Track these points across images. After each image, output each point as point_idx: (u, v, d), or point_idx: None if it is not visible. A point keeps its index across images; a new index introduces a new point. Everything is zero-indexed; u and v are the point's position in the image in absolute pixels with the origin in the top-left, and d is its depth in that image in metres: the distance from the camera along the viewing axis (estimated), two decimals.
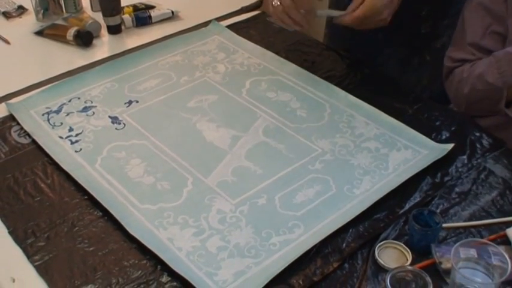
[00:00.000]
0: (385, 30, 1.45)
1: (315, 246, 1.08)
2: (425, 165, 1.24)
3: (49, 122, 1.38)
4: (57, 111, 1.41)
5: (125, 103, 1.44)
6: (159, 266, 1.06)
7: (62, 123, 1.37)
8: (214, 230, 1.13)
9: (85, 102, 1.44)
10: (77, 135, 1.34)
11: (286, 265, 1.05)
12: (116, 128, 1.36)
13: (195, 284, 1.02)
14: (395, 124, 1.37)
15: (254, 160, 1.29)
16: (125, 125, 1.37)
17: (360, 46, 1.65)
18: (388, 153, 1.29)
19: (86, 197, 1.20)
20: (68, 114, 1.40)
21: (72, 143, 1.32)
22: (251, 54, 1.64)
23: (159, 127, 1.37)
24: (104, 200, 1.17)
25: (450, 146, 1.28)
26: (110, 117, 1.39)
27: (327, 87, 1.50)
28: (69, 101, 1.45)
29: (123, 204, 1.17)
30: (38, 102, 1.44)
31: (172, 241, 1.10)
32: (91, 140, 1.33)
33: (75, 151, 1.30)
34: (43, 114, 1.40)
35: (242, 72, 1.56)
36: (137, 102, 1.44)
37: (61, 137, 1.33)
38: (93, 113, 1.41)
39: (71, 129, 1.36)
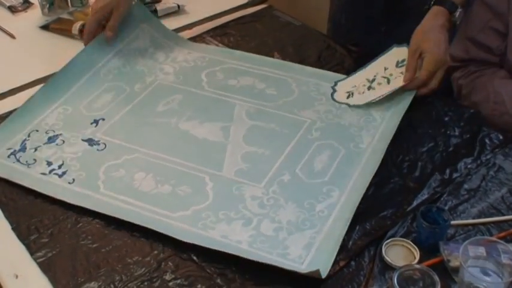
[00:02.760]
0: (388, 24, 1.44)
1: (360, 202, 1.13)
2: (406, 107, 1.34)
3: (20, 162, 1.26)
4: (23, 149, 1.29)
5: (91, 123, 1.36)
6: (162, 263, 1.05)
7: (35, 160, 1.27)
8: (260, 215, 1.13)
9: (46, 132, 1.34)
10: (59, 167, 1.25)
11: (347, 226, 1.09)
12: (98, 150, 1.29)
13: (285, 267, 1.02)
14: None
15: (255, 144, 1.30)
16: (105, 144, 1.31)
17: (363, 40, 1.64)
18: (368, 107, 1.38)
19: None
20: (36, 150, 1.30)
21: (60, 176, 1.23)
22: (189, 49, 1.62)
23: (143, 137, 1.33)
24: (135, 219, 1.12)
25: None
26: (84, 140, 1.32)
27: (280, 64, 1.56)
28: (28, 135, 1.33)
29: (154, 219, 1.13)
30: None
31: (227, 237, 1.09)
32: (78, 168, 1.25)
33: (69, 183, 1.21)
34: (9, 156, 1.28)
35: (192, 68, 1.55)
36: (103, 119, 1.37)
37: (44, 174, 1.24)
38: (63, 141, 1.31)
39: (49, 163, 1.26)
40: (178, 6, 1.81)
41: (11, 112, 1.39)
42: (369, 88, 1.39)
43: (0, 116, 1.39)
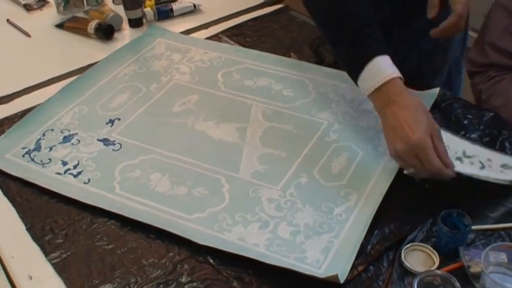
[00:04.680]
0: (398, 26, 1.43)
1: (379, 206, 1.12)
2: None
3: (35, 161, 1.26)
4: (37, 149, 1.29)
5: (107, 123, 1.36)
6: (178, 266, 1.04)
7: (50, 160, 1.26)
8: (277, 218, 1.12)
9: (61, 132, 1.34)
10: (75, 167, 1.24)
11: (365, 230, 1.08)
12: (113, 150, 1.29)
13: (302, 271, 1.01)
14: None
15: (272, 145, 1.29)
16: (120, 144, 1.30)
17: None
18: None
19: None
20: (51, 149, 1.29)
21: (75, 176, 1.22)
22: (205, 49, 1.61)
23: (159, 138, 1.32)
24: (151, 221, 1.12)
25: (436, 90, 1.38)
26: (99, 140, 1.31)
27: (297, 64, 1.54)
28: (43, 135, 1.33)
29: (170, 221, 1.12)
30: (9, 145, 1.30)
31: (244, 240, 1.08)
32: (94, 168, 1.24)
33: (84, 183, 1.20)
34: (23, 155, 1.28)
35: (208, 68, 1.54)
36: (119, 119, 1.37)
37: (59, 173, 1.23)
38: (78, 141, 1.31)
39: (64, 163, 1.25)
40: (194, 5, 1.81)
41: (26, 110, 1.39)
42: (457, 159, 1.20)
43: (15, 114, 1.39)
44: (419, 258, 1.04)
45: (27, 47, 1.68)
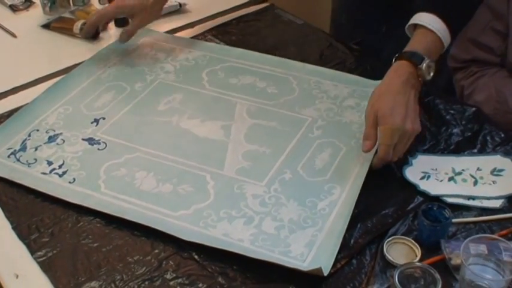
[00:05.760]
0: (389, 24, 1.43)
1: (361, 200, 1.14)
2: None
3: (21, 162, 1.26)
4: (23, 149, 1.28)
5: (92, 122, 1.36)
6: (163, 262, 1.05)
7: (36, 160, 1.26)
8: (262, 213, 1.13)
9: (47, 132, 1.33)
10: (60, 166, 1.24)
11: (347, 222, 1.09)
12: (98, 149, 1.29)
13: (287, 265, 1.02)
14: (359, 79, 1.47)
15: (256, 142, 1.30)
16: (105, 144, 1.30)
17: (364, 39, 1.64)
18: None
19: None
20: (36, 149, 1.29)
21: (60, 175, 1.22)
22: (190, 48, 1.62)
23: (144, 136, 1.32)
24: (136, 218, 1.12)
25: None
26: (84, 140, 1.31)
27: (281, 62, 1.56)
28: (29, 135, 1.33)
29: (156, 218, 1.13)
30: None
31: (229, 236, 1.09)
32: (79, 167, 1.24)
33: (69, 182, 1.20)
34: (9, 156, 1.27)
35: (192, 67, 1.55)
36: (104, 119, 1.37)
37: (44, 173, 1.23)
38: (63, 140, 1.31)
39: (50, 163, 1.25)
40: (180, 4, 1.81)
41: (12, 111, 1.39)
42: (450, 179, 1.19)
43: (2, 115, 1.39)
44: (401, 251, 1.05)
45: (13, 47, 1.67)
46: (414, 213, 1.12)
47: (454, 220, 1.08)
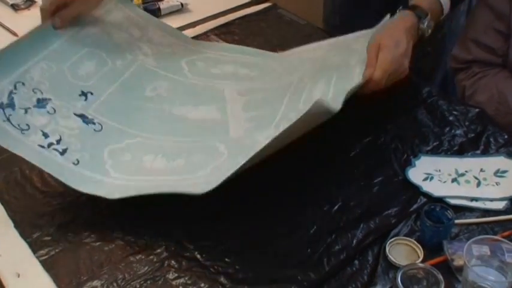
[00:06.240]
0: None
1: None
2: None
3: (12, 124, 1.14)
4: (11, 106, 1.16)
5: (80, 95, 1.27)
6: (165, 262, 1.05)
7: (28, 126, 1.15)
8: None
9: (33, 91, 1.22)
10: (58, 142, 1.16)
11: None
12: (95, 130, 1.22)
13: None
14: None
15: (254, 109, 1.32)
16: (101, 125, 1.24)
17: None
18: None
19: None
20: (26, 112, 1.17)
21: (61, 153, 1.15)
22: (163, 31, 1.55)
23: (139, 122, 1.28)
24: (160, 189, 1.09)
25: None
26: (76, 115, 1.23)
27: (258, 53, 1.55)
28: (15, 87, 1.20)
29: (179, 184, 1.11)
30: None
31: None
32: (79, 148, 1.17)
33: (73, 163, 1.14)
34: None
35: (170, 54, 1.50)
36: (92, 94, 1.29)
37: (42, 146, 1.14)
38: (54, 110, 1.21)
39: (45, 135, 1.16)
40: (182, 4, 1.81)
41: None
42: (453, 181, 1.19)
43: None
44: (403, 252, 1.05)
45: None
46: (417, 214, 1.12)
47: (456, 221, 1.08)
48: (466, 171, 1.20)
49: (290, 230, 1.10)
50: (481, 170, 1.20)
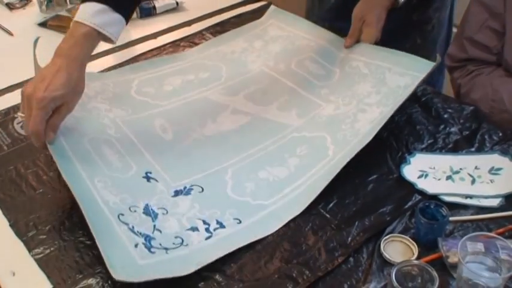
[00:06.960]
0: None
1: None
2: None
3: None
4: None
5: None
6: None
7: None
8: None
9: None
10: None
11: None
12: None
13: None
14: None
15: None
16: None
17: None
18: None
19: None
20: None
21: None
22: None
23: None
24: None
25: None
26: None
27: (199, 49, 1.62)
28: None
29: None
30: None
31: None
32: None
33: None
34: None
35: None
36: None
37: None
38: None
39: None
40: (177, 3, 1.81)
41: (9, 108, 1.40)
42: (448, 178, 1.19)
43: None
44: (398, 249, 1.05)
45: (10, 45, 1.68)
46: (411, 212, 1.12)
47: (451, 218, 1.08)
48: (460, 169, 1.21)
49: (285, 227, 1.11)
50: (476, 168, 1.21)
